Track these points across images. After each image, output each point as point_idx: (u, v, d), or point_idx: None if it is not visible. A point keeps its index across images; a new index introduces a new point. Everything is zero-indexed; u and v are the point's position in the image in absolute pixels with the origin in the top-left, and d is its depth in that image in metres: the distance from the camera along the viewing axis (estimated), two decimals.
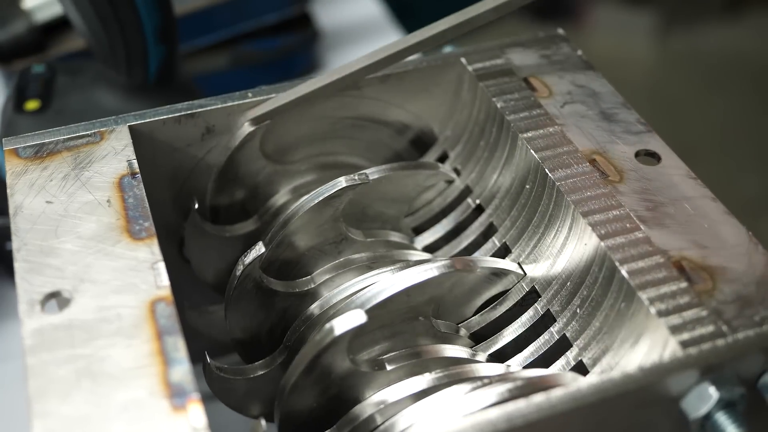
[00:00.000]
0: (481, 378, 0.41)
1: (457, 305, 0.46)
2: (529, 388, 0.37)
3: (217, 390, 0.45)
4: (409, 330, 0.44)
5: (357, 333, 0.40)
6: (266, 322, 0.48)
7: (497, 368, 0.43)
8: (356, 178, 0.46)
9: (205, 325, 0.51)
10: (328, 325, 0.39)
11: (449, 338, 0.45)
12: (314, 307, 0.47)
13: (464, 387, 0.39)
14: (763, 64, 2.05)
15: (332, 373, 0.41)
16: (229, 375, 0.45)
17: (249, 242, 0.50)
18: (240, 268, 0.45)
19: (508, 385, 0.37)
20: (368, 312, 0.40)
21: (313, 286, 0.48)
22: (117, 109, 0.57)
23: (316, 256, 0.48)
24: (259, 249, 0.45)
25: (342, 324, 0.39)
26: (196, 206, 0.49)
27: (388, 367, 0.43)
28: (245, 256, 0.45)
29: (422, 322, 0.44)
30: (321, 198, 0.46)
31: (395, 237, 0.51)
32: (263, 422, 0.39)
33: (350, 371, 0.41)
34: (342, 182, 0.46)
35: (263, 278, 0.46)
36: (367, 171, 0.47)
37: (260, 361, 0.46)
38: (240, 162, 0.50)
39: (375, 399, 0.42)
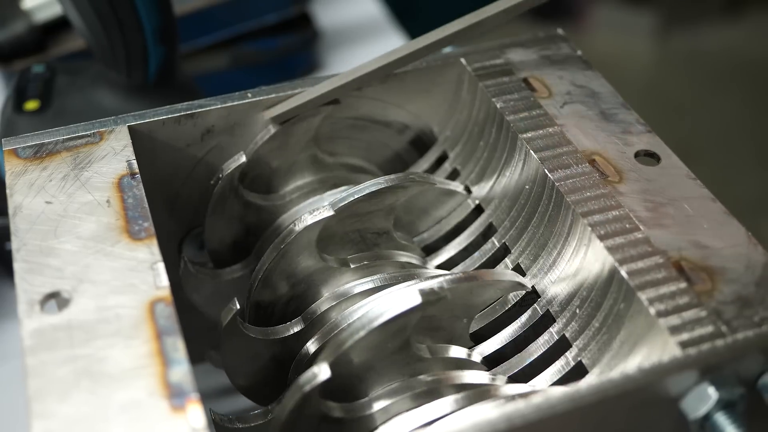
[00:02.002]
0: (471, 387, 0.41)
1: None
2: None
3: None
4: (395, 363, 0.44)
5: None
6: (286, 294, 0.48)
7: (483, 377, 0.43)
8: (416, 177, 0.47)
9: (192, 288, 0.51)
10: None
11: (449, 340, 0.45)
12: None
13: (451, 399, 0.40)
14: (763, 64, 2.05)
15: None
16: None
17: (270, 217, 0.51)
18: (303, 222, 0.45)
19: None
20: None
21: (353, 266, 0.47)
22: (117, 109, 0.57)
23: (355, 240, 0.48)
24: (326, 211, 0.45)
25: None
26: (242, 162, 0.49)
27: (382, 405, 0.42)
28: (303, 219, 0.45)
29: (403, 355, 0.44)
30: (390, 185, 0.46)
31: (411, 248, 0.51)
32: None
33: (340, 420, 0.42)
34: (413, 176, 0.46)
35: (314, 247, 0.46)
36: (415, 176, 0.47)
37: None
38: (291, 134, 0.50)
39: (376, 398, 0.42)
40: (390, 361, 0.42)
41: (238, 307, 0.43)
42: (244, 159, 0.48)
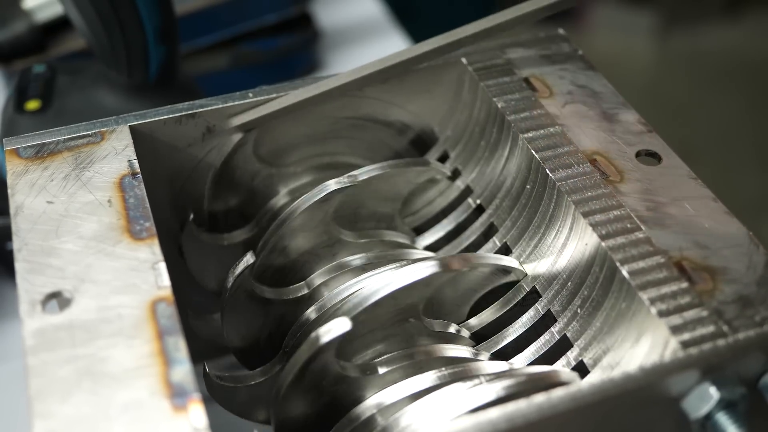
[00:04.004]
0: (480, 375, 0.41)
1: (456, 303, 0.46)
2: (529, 384, 0.37)
3: (219, 397, 0.45)
4: (401, 332, 0.44)
5: (346, 339, 0.40)
6: (264, 329, 0.47)
7: (499, 365, 0.43)
8: (344, 180, 0.46)
9: (210, 333, 0.51)
10: (314, 334, 0.39)
11: (446, 338, 0.45)
12: (310, 312, 0.46)
13: (465, 384, 0.39)
14: (763, 64, 2.05)
15: (323, 380, 0.41)
16: (229, 383, 0.45)
17: (248, 248, 0.50)
18: (230, 279, 0.45)
19: (508, 382, 0.38)
20: (355, 318, 0.40)
21: (307, 291, 0.48)
22: (118, 109, 0.57)
23: (311, 261, 0.48)
24: (248, 259, 0.45)
25: (327, 332, 0.39)
26: (191, 217, 0.49)
27: (381, 371, 0.43)
28: (235, 267, 0.45)
29: (413, 323, 0.44)
30: (310, 202, 0.46)
31: (391, 236, 0.51)
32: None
33: (341, 377, 0.42)
34: (331, 185, 0.46)
35: (255, 287, 0.46)
36: (356, 172, 0.47)
37: (260, 368, 0.46)
38: (235, 167, 0.50)
39: (371, 402, 0.42)
40: (394, 330, 0.43)
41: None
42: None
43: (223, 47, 0.82)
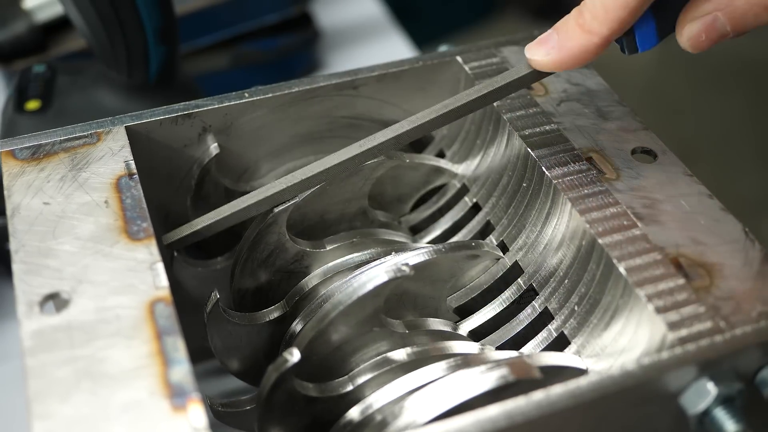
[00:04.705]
0: (490, 361, 0.41)
1: (434, 291, 0.46)
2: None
3: (228, 422, 0.45)
4: (384, 336, 0.44)
5: (316, 361, 0.41)
6: (259, 351, 0.48)
7: (506, 353, 0.43)
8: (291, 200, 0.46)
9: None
10: (270, 368, 0.40)
11: (444, 336, 0.45)
12: (296, 325, 0.47)
13: (478, 368, 0.39)
14: (763, 64, 2.05)
15: (294, 406, 0.41)
16: (230, 408, 0.44)
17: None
18: (205, 316, 0.44)
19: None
20: (313, 340, 0.41)
21: (287, 310, 0.48)
22: (118, 109, 0.57)
23: (285, 279, 0.48)
24: (213, 297, 0.44)
25: (281, 365, 0.39)
26: (175, 254, 0.49)
27: (360, 381, 0.43)
28: (205, 307, 0.44)
29: (390, 326, 0.44)
30: (258, 228, 0.46)
31: (365, 234, 0.50)
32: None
33: (311, 399, 0.42)
34: (275, 209, 0.46)
35: (232, 317, 0.46)
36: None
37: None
38: (206, 193, 0.50)
39: (357, 408, 0.42)
40: (367, 338, 0.43)
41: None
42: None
43: (223, 47, 0.82)
